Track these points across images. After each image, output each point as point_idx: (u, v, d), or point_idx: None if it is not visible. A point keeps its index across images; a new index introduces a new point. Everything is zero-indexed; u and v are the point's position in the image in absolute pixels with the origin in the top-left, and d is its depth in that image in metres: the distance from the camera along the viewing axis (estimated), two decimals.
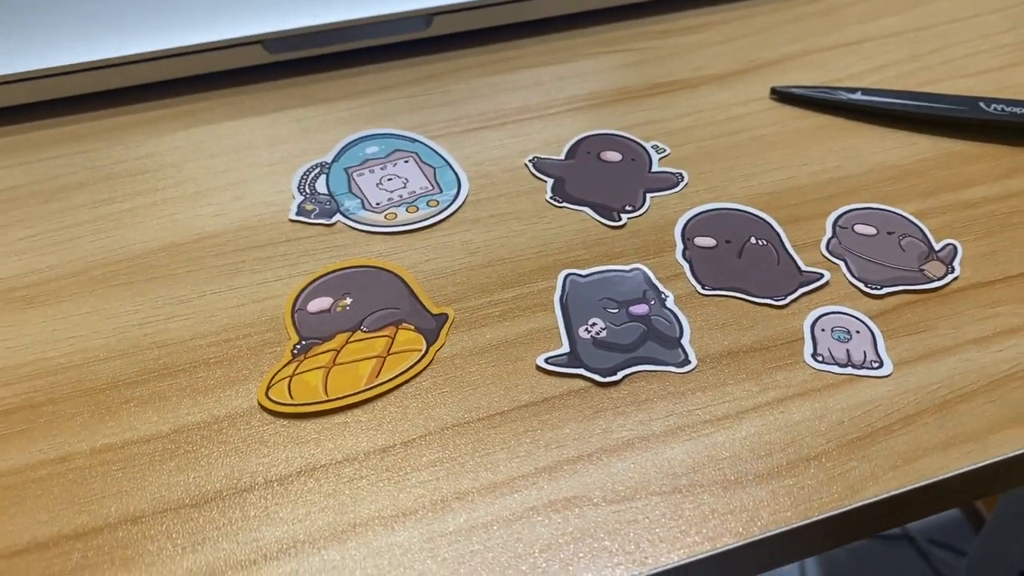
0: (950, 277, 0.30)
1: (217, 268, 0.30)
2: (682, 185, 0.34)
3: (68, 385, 0.27)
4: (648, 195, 0.33)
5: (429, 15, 0.39)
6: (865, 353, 0.28)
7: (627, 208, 0.33)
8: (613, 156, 0.35)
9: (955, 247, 0.31)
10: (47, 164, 0.34)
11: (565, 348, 0.28)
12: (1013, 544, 0.72)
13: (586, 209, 0.33)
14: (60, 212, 0.32)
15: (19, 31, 0.35)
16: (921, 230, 0.32)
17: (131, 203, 0.33)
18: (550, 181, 0.34)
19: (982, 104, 0.36)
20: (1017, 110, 0.35)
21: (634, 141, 0.35)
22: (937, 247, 0.32)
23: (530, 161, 0.35)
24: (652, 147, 0.35)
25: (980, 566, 0.76)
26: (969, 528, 0.94)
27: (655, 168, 0.34)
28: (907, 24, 0.42)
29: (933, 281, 0.30)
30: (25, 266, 0.30)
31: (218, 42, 0.36)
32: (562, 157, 0.35)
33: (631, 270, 0.31)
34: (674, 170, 0.34)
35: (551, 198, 0.33)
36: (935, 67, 0.39)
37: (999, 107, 0.36)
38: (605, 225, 0.32)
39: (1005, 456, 0.26)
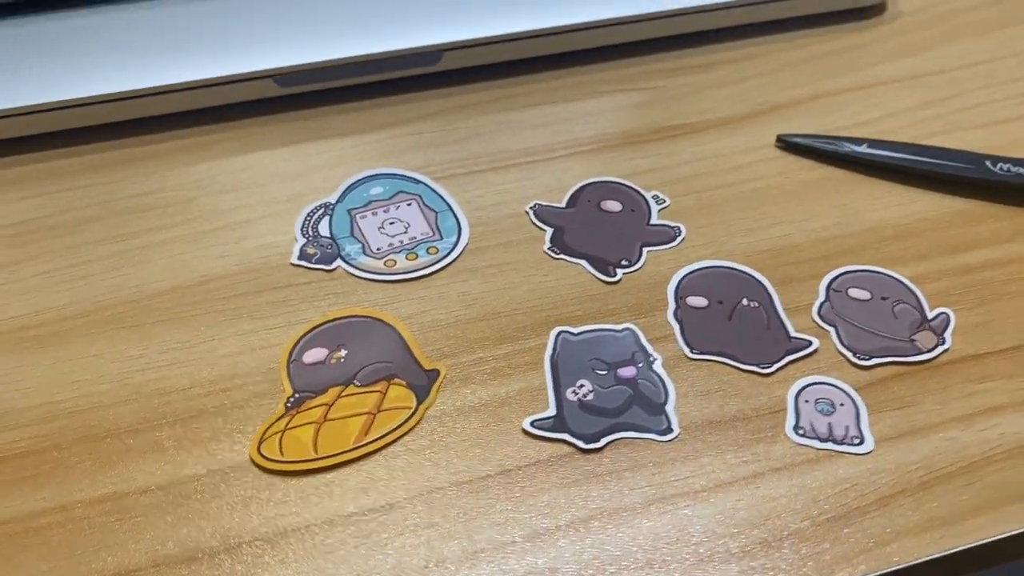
0: (940, 349, 0.31)
1: (219, 312, 0.31)
2: (679, 239, 0.34)
3: (72, 431, 0.28)
4: (645, 249, 0.34)
5: (439, 51, 0.39)
6: (847, 428, 0.29)
7: (623, 263, 0.33)
8: (613, 206, 0.35)
9: (948, 316, 0.32)
10: (63, 196, 0.35)
11: (552, 411, 0.29)
12: None
13: (583, 262, 0.33)
14: (74, 248, 0.33)
15: (37, 62, 0.36)
16: (916, 296, 0.32)
17: (143, 240, 0.34)
18: (549, 231, 0.34)
19: (988, 163, 0.36)
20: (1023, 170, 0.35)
21: (635, 190, 0.36)
22: (930, 315, 0.32)
23: (531, 208, 0.35)
24: (652, 197, 0.35)
25: None
26: None
27: (654, 220, 0.35)
28: (921, 68, 0.41)
29: (923, 353, 0.31)
30: (38, 304, 0.32)
31: (231, 76, 0.37)
32: (563, 205, 0.35)
33: (622, 330, 0.31)
34: (672, 223, 0.35)
35: (549, 249, 0.34)
36: (947, 116, 0.39)
37: (1006, 167, 0.35)
38: (601, 280, 0.33)
39: (978, 543, 0.26)
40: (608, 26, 0.40)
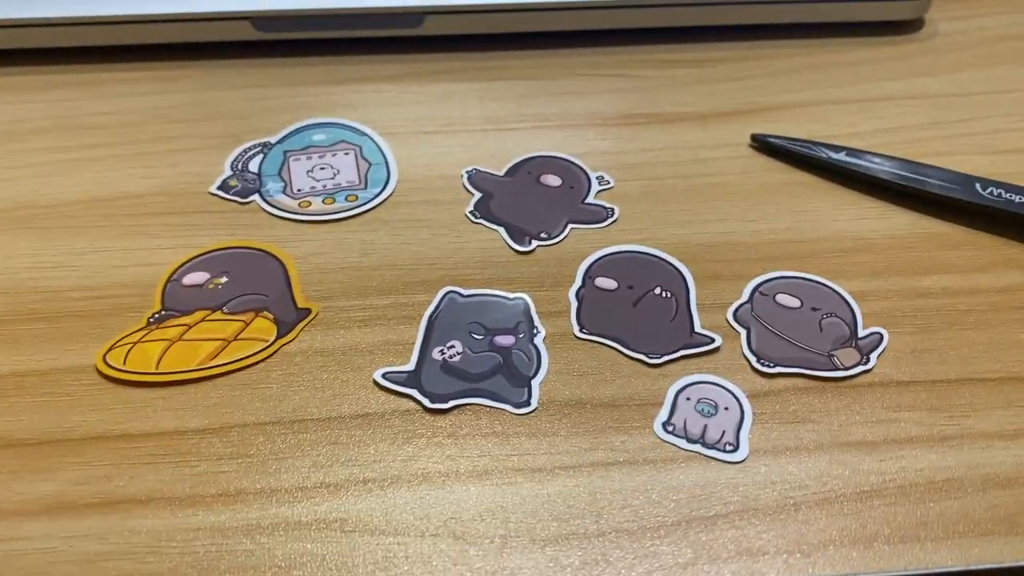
0: (859, 369, 0.27)
1: (123, 227, 0.31)
2: (609, 221, 0.32)
3: None
4: (571, 226, 0.32)
5: (422, 13, 0.38)
6: (724, 433, 0.26)
7: (542, 235, 0.31)
8: (552, 180, 0.33)
9: (881, 336, 0.28)
10: (24, 107, 0.36)
11: (410, 366, 0.27)
12: None
13: (500, 229, 0.31)
14: (16, 153, 0.34)
15: None
16: (852, 312, 0.29)
17: (80, 154, 0.34)
18: (478, 195, 0.33)
19: (977, 186, 0.32)
20: (1015, 197, 0.31)
21: (580, 168, 0.34)
22: (861, 334, 0.28)
23: (466, 172, 0.33)
24: (597, 178, 0.33)
25: None
26: None
27: (589, 200, 0.33)
28: (937, 88, 0.37)
29: (839, 370, 0.27)
30: None
31: (209, 13, 0.37)
32: (501, 173, 0.34)
33: (514, 299, 0.29)
34: (607, 204, 0.32)
35: (470, 212, 0.32)
36: (951, 138, 0.35)
37: (996, 191, 0.31)
38: (512, 249, 0.31)
39: None
40: (598, 8, 0.38)
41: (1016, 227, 0.31)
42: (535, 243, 0.31)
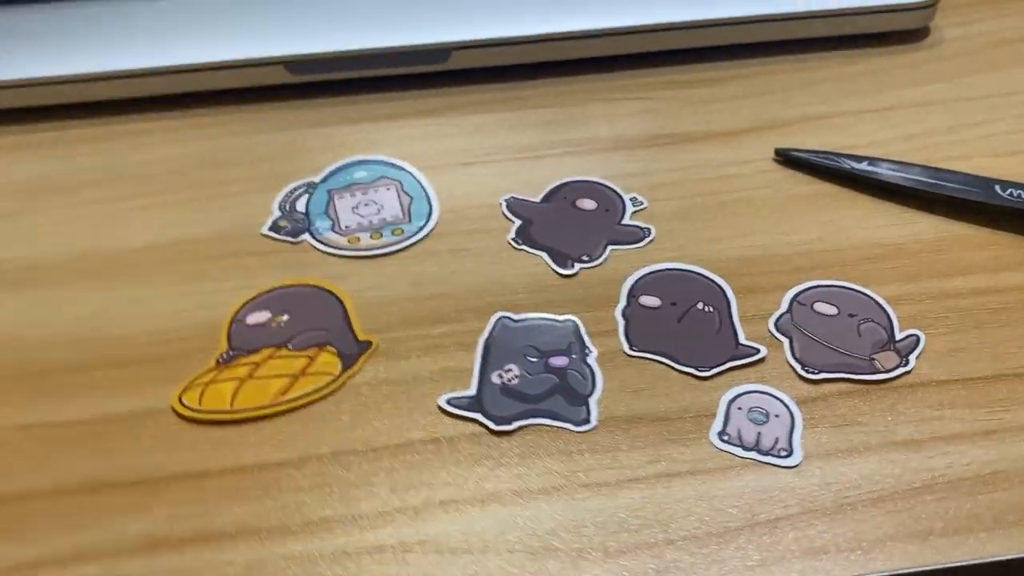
0: (900, 370, 0.28)
1: (182, 272, 0.33)
2: (647, 241, 0.33)
3: (21, 366, 0.30)
4: (610, 247, 0.33)
5: (448, 49, 0.40)
6: (777, 439, 0.27)
7: (583, 258, 0.33)
8: (588, 204, 0.35)
9: (918, 338, 0.29)
10: (72, 161, 0.37)
11: (472, 391, 0.28)
12: None
13: (543, 254, 0.33)
14: (69, 205, 0.35)
15: (56, 36, 0.39)
16: (888, 316, 0.30)
17: (131, 203, 0.35)
18: (518, 223, 0.34)
19: (997, 188, 0.33)
20: None
21: (613, 190, 0.35)
22: (898, 336, 0.29)
23: (504, 200, 0.35)
24: (630, 199, 0.35)
25: None
26: None
27: (626, 221, 0.34)
28: (952, 93, 0.39)
29: (880, 373, 0.28)
30: (25, 251, 0.34)
31: (243, 60, 0.39)
32: (538, 200, 0.35)
33: (564, 320, 0.30)
34: (643, 225, 0.34)
35: (512, 239, 0.33)
36: (968, 142, 0.37)
37: (1015, 192, 0.33)
38: (557, 273, 0.32)
39: (887, 573, 0.24)
40: (617, 35, 0.40)
41: None
42: (578, 266, 0.32)
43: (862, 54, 0.41)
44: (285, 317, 0.31)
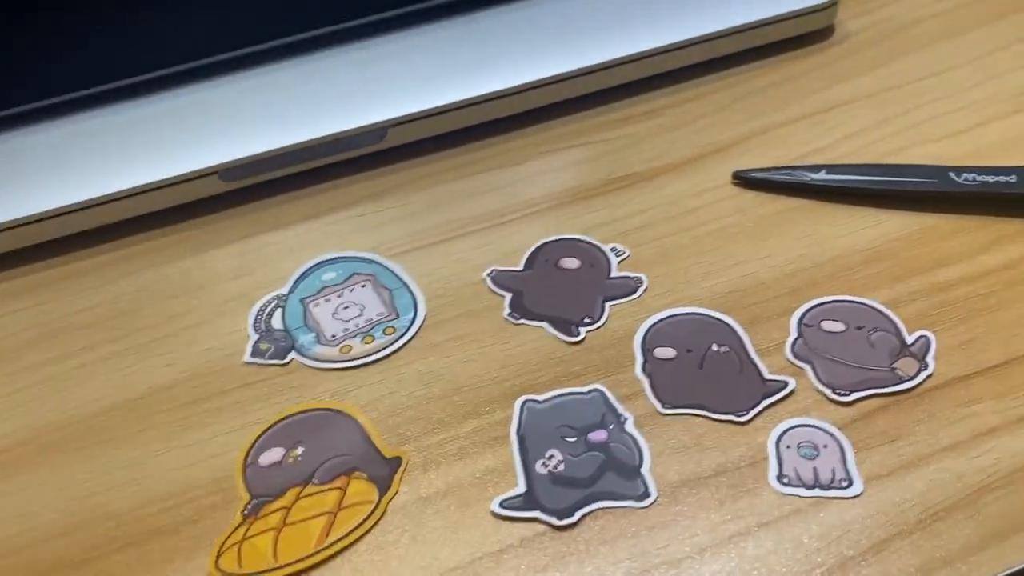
0: (923, 375, 0.29)
1: (167, 424, 0.30)
2: (641, 290, 0.33)
3: (19, 569, 0.27)
4: (607, 304, 0.32)
5: (383, 128, 0.38)
6: (834, 471, 0.27)
7: (585, 320, 0.32)
8: (572, 263, 0.34)
9: (928, 339, 0.30)
10: (0, 322, 0.34)
11: (521, 488, 0.27)
12: None
13: (544, 324, 0.32)
14: (12, 375, 0.32)
15: None
16: (892, 322, 0.31)
17: (82, 358, 0.32)
18: (508, 296, 0.33)
19: (952, 175, 0.34)
20: (989, 178, 0.34)
21: (593, 245, 0.35)
22: (909, 340, 0.30)
23: (488, 275, 0.34)
24: (611, 250, 0.34)
25: None
26: None
27: (614, 273, 0.34)
28: (872, 86, 0.40)
29: (905, 381, 0.29)
30: None
31: (172, 178, 0.36)
32: (520, 268, 0.34)
33: (589, 392, 0.30)
34: (633, 274, 0.33)
35: (509, 315, 0.32)
36: (904, 132, 0.38)
37: (970, 177, 0.34)
38: (564, 341, 0.31)
39: None
40: (544, 86, 0.39)
41: (995, 205, 0.34)
42: (583, 330, 0.32)
43: (778, 62, 0.42)
44: (300, 450, 0.29)
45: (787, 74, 0.42)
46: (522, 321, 0.32)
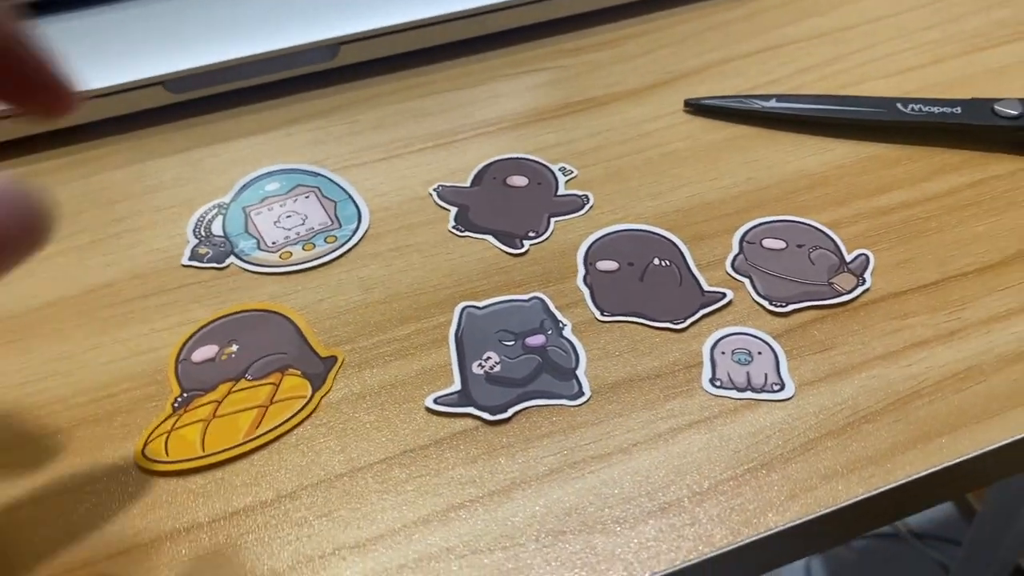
0: (860, 289, 0.29)
1: (104, 320, 0.30)
2: (587, 207, 0.33)
3: None
4: (553, 219, 0.32)
5: (335, 45, 0.38)
6: (766, 376, 0.27)
7: (530, 234, 0.32)
8: (519, 181, 0.34)
9: (867, 257, 0.30)
10: None
11: (456, 386, 0.27)
12: (1005, 533, 0.71)
13: (489, 237, 0.32)
14: None
15: None
16: (833, 241, 0.31)
17: None
18: (454, 210, 0.33)
19: (899, 105, 0.35)
20: (935, 109, 0.34)
21: (541, 164, 0.35)
22: (849, 258, 0.30)
23: (434, 190, 0.34)
24: (559, 169, 0.34)
25: (974, 555, 0.75)
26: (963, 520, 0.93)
27: (561, 191, 0.33)
28: (830, 25, 0.40)
29: (842, 295, 0.29)
30: None
31: (118, 86, 0.36)
32: (468, 184, 0.34)
33: (529, 299, 0.30)
34: (580, 192, 0.33)
35: (453, 227, 0.32)
36: (858, 68, 0.38)
37: (917, 107, 0.34)
38: (507, 253, 0.31)
39: (907, 479, 0.24)
40: (506, 9, 0.39)
41: (940, 134, 0.34)
42: (526, 243, 0.32)
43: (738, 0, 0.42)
44: (234, 348, 0.29)
45: (749, 10, 0.42)
46: (466, 234, 0.32)
